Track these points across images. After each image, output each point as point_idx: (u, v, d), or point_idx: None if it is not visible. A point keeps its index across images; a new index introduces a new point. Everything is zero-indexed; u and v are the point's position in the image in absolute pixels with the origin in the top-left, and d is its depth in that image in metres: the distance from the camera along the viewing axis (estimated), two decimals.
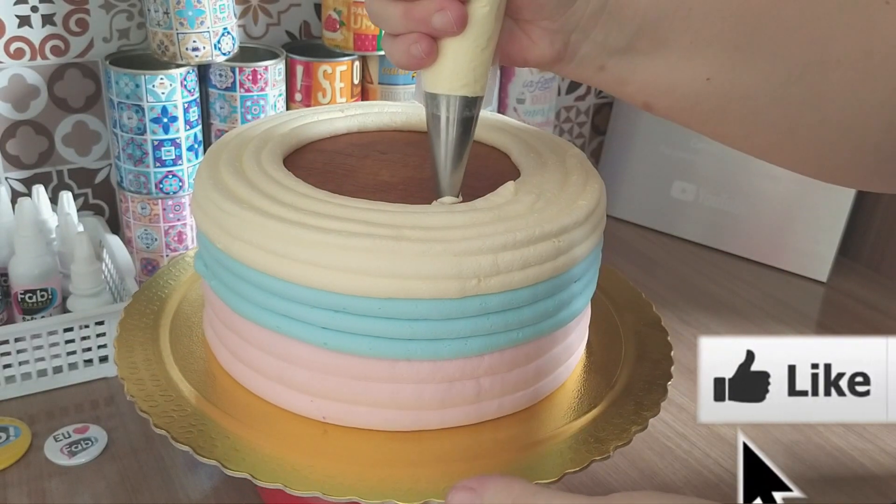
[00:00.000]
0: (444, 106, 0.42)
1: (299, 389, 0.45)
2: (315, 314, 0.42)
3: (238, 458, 0.42)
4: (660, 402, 0.48)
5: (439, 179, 0.45)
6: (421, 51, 0.40)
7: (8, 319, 0.66)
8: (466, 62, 0.41)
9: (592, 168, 0.51)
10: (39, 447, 0.57)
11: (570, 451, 0.44)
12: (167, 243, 0.75)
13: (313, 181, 0.46)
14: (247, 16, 0.81)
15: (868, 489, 0.59)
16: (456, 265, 0.41)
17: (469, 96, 0.42)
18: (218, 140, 0.52)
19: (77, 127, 0.78)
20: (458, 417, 0.45)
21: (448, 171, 0.44)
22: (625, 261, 0.90)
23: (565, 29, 0.40)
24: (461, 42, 0.40)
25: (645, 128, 0.98)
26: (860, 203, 0.90)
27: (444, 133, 0.43)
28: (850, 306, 0.84)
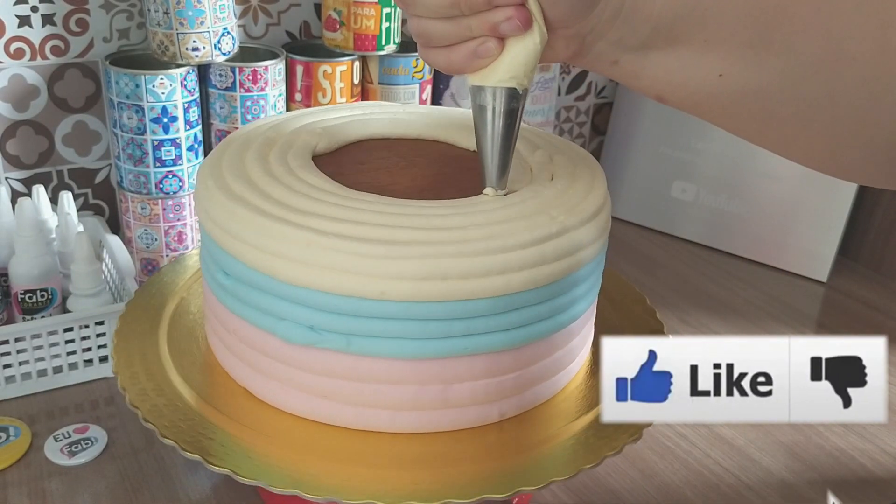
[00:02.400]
0: (490, 97, 0.43)
1: (321, 395, 0.45)
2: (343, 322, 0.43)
3: (250, 465, 0.42)
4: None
5: (485, 171, 0.46)
6: (489, 51, 0.41)
7: (8, 319, 0.66)
8: (523, 57, 0.41)
9: (591, 156, 0.52)
10: (39, 447, 0.57)
11: (583, 447, 0.45)
12: (167, 243, 0.75)
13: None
14: (247, 16, 0.81)
15: (868, 489, 0.59)
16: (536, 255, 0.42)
17: (517, 88, 0.43)
18: (224, 141, 0.52)
19: (77, 127, 0.78)
20: (488, 415, 0.46)
21: (495, 162, 0.45)
22: (625, 261, 0.90)
23: (581, 33, 0.40)
24: (523, 40, 0.41)
25: (645, 128, 0.98)
26: (860, 203, 0.90)
27: (490, 125, 0.44)
28: (850, 306, 0.84)
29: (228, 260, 0.45)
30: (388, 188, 0.48)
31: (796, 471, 0.60)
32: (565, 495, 0.56)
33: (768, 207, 0.90)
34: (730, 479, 0.59)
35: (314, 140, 0.52)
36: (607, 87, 1.04)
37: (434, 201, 0.45)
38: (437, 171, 0.52)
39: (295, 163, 0.49)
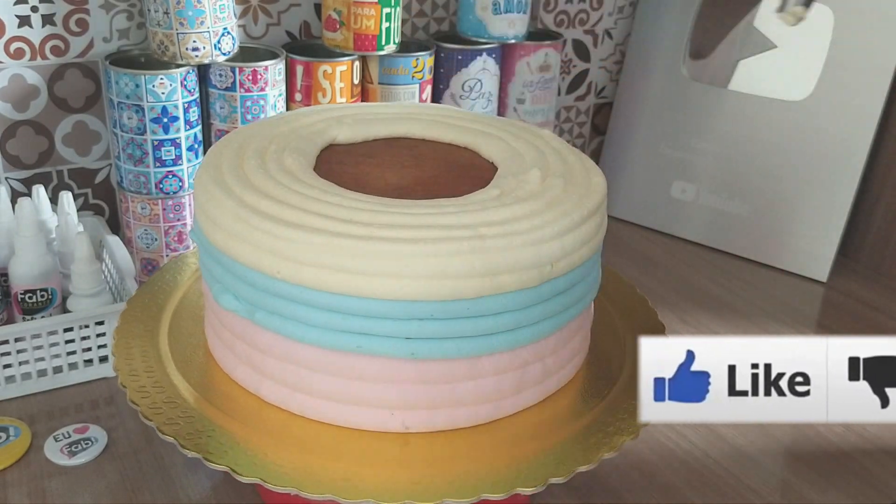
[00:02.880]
0: None
1: (320, 394, 0.45)
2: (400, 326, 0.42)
3: (249, 463, 0.42)
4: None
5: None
6: None
7: (8, 319, 0.66)
8: None
9: (573, 147, 0.53)
10: (39, 447, 0.57)
11: (582, 447, 0.45)
12: (167, 243, 0.75)
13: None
14: (247, 16, 0.81)
15: (868, 489, 0.59)
16: (534, 254, 0.42)
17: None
18: (224, 140, 0.52)
19: (77, 127, 0.78)
20: (487, 415, 0.46)
21: None
22: (625, 261, 0.90)
23: None
24: None
25: (645, 128, 0.98)
26: (860, 203, 0.90)
27: None
28: (850, 306, 0.84)
29: (226, 260, 0.45)
30: (399, 190, 0.48)
31: (796, 471, 0.60)
32: (565, 495, 0.56)
33: (768, 207, 0.90)
34: (730, 479, 0.59)
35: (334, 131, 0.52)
36: (607, 87, 1.04)
37: (436, 200, 0.46)
38: (442, 170, 0.52)
39: (297, 161, 0.49)
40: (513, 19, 0.84)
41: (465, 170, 0.52)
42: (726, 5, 0.94)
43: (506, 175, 0.49)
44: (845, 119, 0.86)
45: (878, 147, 0.87)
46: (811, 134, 0.87)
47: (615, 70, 1.03)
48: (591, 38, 1.00)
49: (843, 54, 0.86)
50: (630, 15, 1.01)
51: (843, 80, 0.86)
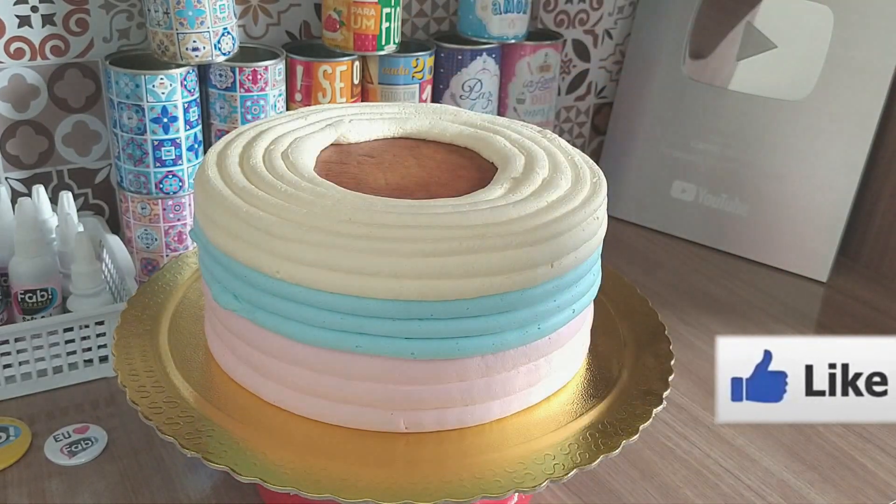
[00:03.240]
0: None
1: (320, 394, 0.45)
2: (399, 326, 0.43)
3: (249, 463, 0.42)
4: (662, 394, 0.48)
5: None
6: None
7: (8, 319, 0.66)
8: None
9: (573, 147, 0.53)
10: (39, 447, 0.57)
11: (581, 446, 0.45)
12: (167, 243, 0.75)
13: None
14: (247, 16, 0.81)
15: (868, 489, 0.59)
16: (534, 254, 0.43)
17: None
18: (224, 139, 0.52)
19: (77, 127, 0.78)
20: (487, 415, 0.46)
21: None
22: (625, 261, 0.90)
23: None
24: None
25: (645, 128, 0.98)
26: (860, 203, 0.90)
27: None
28: (850, 306, 0.84)
29: (226, 260, 0.45)
30: (392, 186, 0.48)
31: (796, 471, 0.60)
32: (565, 495, 0.56)
33: (768, 207, 0.90)
34: (730, 479, 0.59)
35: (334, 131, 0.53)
36: (607, 87, 1.04)
37: (436, 199, 0.45)
38: (442, 170, 0.52)
39: (297, 161, 0.49)
40: (513, 19, 0.84)
41: (465, 170, 0.52)
42: (726, 5, 0.94)
43: (505, 175, 0.49)
44: (845, 119, 0.86)
45: (878, 147, 0.87)
46: (811, 134, 0.87)
47: (615, 70, 1.03)
48: (591, 38, 1.00)
49: (843, 54, 0.86)
50: (630, 15, 1.01)
51: (843, 80, 0.86)
